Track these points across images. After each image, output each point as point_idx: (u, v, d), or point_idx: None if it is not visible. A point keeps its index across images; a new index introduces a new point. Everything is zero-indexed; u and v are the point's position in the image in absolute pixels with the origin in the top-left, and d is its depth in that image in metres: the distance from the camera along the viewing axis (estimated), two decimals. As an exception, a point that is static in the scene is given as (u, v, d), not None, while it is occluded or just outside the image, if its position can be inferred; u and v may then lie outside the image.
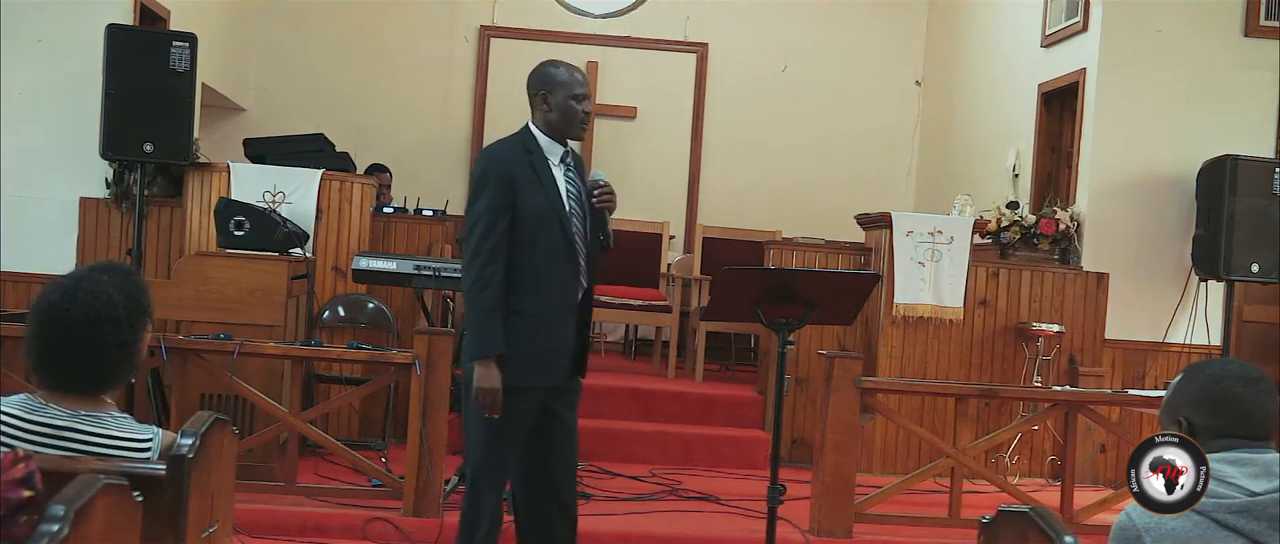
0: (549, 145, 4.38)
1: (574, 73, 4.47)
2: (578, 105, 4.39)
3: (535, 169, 4.31)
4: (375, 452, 6.94)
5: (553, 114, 4.40)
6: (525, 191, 4.25)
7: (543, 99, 4.44)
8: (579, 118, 4.40)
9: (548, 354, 4.27)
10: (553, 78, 4.46)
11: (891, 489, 6.16)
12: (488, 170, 4.30)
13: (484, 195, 4.25)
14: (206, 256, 6.74)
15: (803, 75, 11.29)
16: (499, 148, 4.41)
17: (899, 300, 7.55)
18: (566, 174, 4.37)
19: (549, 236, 4.26)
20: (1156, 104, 7.90)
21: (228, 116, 10.53)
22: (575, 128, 4.40)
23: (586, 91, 4.43)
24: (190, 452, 2.66)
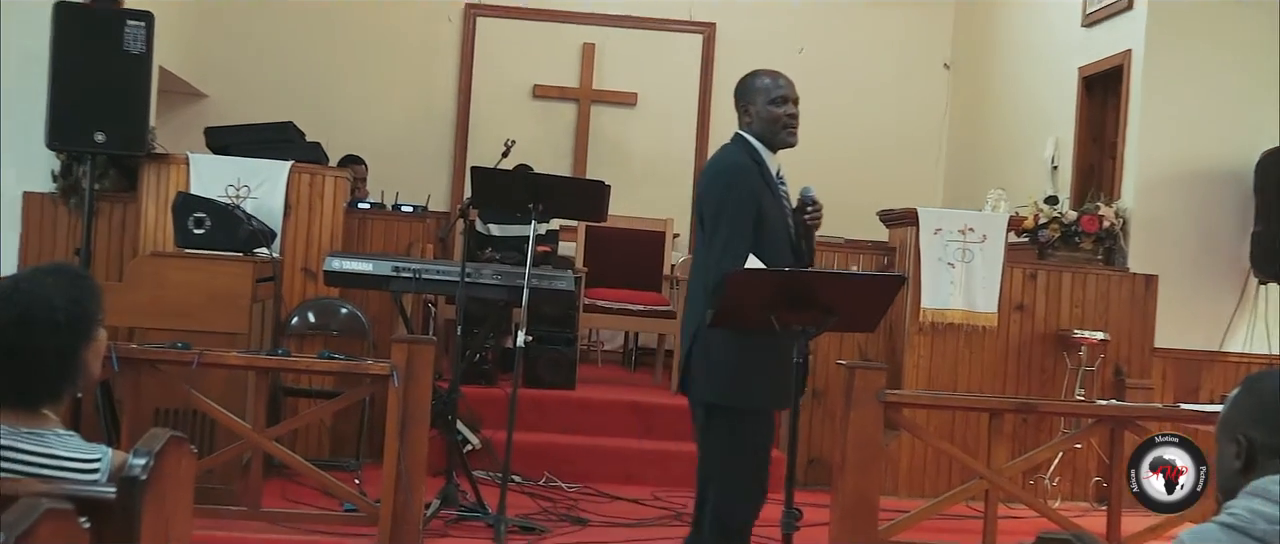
0: (768, 156, 4.53)
1: (776, 78, 4.59)
2: (779, 109, 4.50)
3: (766, 180, 4.48)
4: (348, 473, 6.93)
5: (755, 123, 4.54)
6: (766, 207, 4.43)
7: (745, 110, 4.58)
8: (783, 122, 4.51)
9: (783, 375, 4.37)
10: (752, 86, 4.58)
11: (919, 514, 6.14)
12: (734, 183, 4.44)
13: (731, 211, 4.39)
14: (163, 257, 6.72)
15: (820, 58, 11.28)
16: (734, 157, 4.54)
17: (926, 305, 7.54)
18: (779, 187, 4.53)
19: (780, 251, 4.46)
20: (1209, 88, 7.89)
21: (187, 103, 10.52)
22: (780, 134, 4.53)
23: (788, 93, 4.54)
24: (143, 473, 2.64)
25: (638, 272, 9.34)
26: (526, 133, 10.02)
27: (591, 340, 10.46)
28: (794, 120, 4.54)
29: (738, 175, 4.48)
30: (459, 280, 6.22)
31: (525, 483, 7.20)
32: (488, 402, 7.64)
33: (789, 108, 4.51)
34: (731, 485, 4.51)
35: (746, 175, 4.47)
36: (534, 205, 6.01)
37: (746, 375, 4.42)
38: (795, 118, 4.54)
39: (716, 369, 4.48)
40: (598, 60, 11.24)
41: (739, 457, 4.46)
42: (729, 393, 4.46)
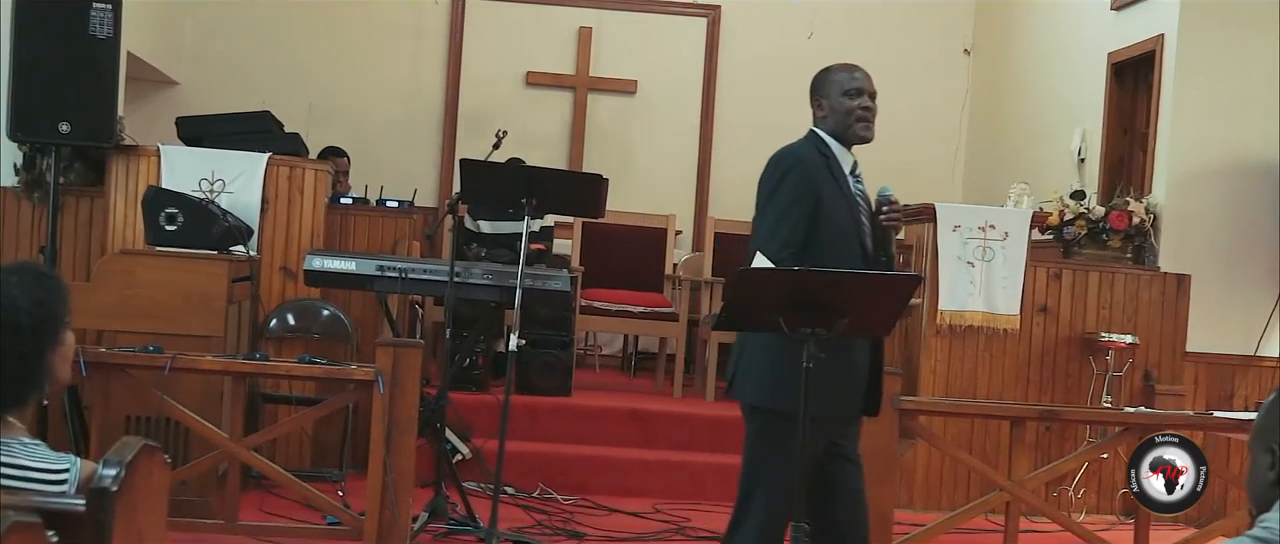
0: (841, 152, 4.58)
1: (852, 70, 4.66)
2: (852, 102, 4.56)
3: (834, 177, 4.51)
4: (331, 484, 6.95)
5: (829, 117, 4.60)
6: (828, 204, 4.46)
7: (818, 104, 4.64)
8: (856, 115, 4.57)
9: (844, 379, 4.44)
10: (825, 79, 4.67)
11: (936, 528, 6.16)
12: (790, 171, 4.49)
13: (782, 199, 4.45)
14: (133, 255, 6.74)
15: (831, 43, 11.24)
16: (797, 149, 4.60)
17: (944, 307, 7.56)
18: (855, 186, 4.56)
19: (847, 249, 4.47)
20: (1246, 75, 7.90)
21: (157, 91, 10.54)
22: (854, 126, 4.58)
23: (863, 86, 4.60)
24: (114, 484, 2.65)
25: (637, 271, 9.35)
26: (519, 123, 10.05)
27: (588, 344, 10.47)
28: (868, 113, 4.60)
29: (793, 163, 4.53)
30: (448, 280, 6.22)
31: (518, 495, 7.22)
32: (478, 409, 7.66)
33: (863, 100, 4.58)
34: (778, 496, 4.48)
35: (804, 165, 4.52)
36: (527, 200, 6.02)
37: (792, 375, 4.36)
38: (870, 111, 4.60)
39: (766, 370, 4.51)
40: (595, 45, 11.25)
41: (781, 462, 4.43)
42: (776, 395, 4.47)
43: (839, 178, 4.53)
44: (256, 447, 6.04)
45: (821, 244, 4.41)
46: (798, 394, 4.33)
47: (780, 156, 4.58)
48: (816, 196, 4.44)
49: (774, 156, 4.61)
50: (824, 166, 4.52)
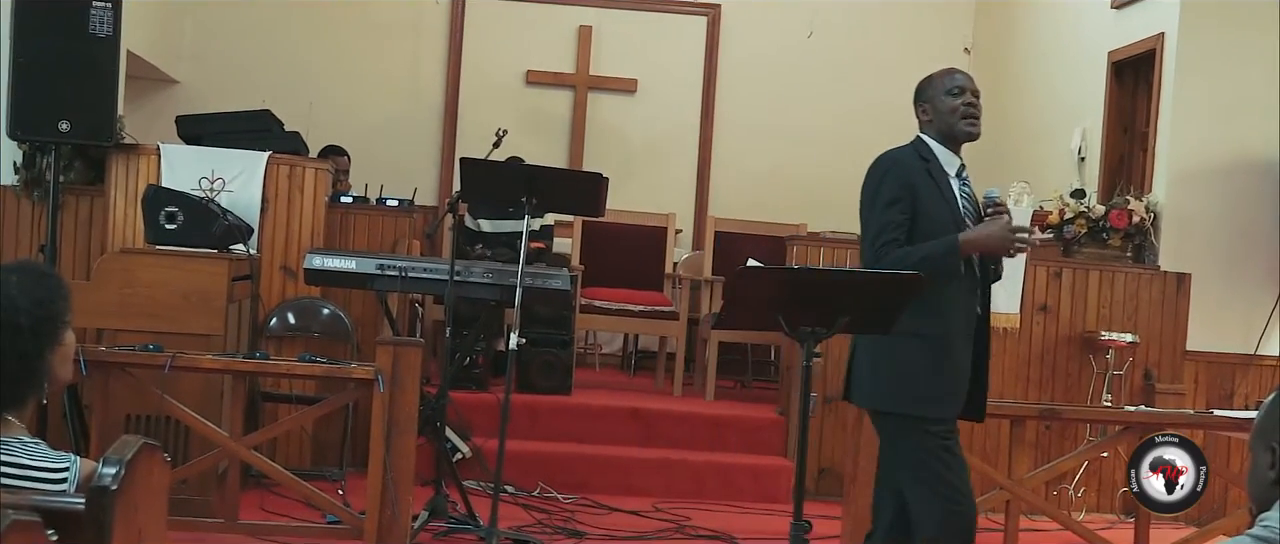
0: (945, 155, 4.58)
1: (952, 73, 4.67)
2: (955, 99, 4.55)
3: (934, 178, 4.51)
4: (331, 483, 6.95)
5: (934, 120, 4.59)
6: (926, 203, 4.46)
7: (922, 109, 4.65)
8: (960, 111, 4.55)
9: (951, 383, 4.43)
10: (927, 84, 4.68)
11: (936, 527, 6.15)
12: (887, 176, 4.52)
13: (880, 202, 4.49)
14: (133, 254, 6.74)
15: (831, 42, 11.29)
16: (896, 153, 4.63)
17: (945, 305, 7.55)
18: (961, 188, 4.56)
19: None
20: (1247, 74, 7.90)
21: (157, 90, 10.54)
22: (960, 123, 4.57)
23: (965, 84, 4.58)
24: (114, 483, 2.65)
25: (638, 270, 9.35)
26: (519, 122, 10.05)
27: (588, 343, 10.48)
28: (973, 109, 4.59)
29: (889, 166, 4.57)
30: (448, 279, 6.22)
31: (518, 494, 7.22)
32: (478, 408, 7.66)
33: (966, 97, 4.57)
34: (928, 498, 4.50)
35: (900, 168, 4.54)
36: (527, 199, 6.02)
37: (920, 377, 4.45)
38: (974, 107, 4.59)
39: (878, 372, 4.54)
40: (595, 44, 11.25)
41: (924, 466, 4.46)
42: (891, 397, 4.51)
43: (939, 180, 4.53)
44: (256, 445, 6.05)
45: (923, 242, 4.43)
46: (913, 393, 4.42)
47: (878, 161, 4.63)
48: (914, 198, 4.46)
49: (873, 161, 4.65)
50: (923, 169, 4.53)
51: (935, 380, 4.45)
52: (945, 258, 4.37)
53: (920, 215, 4.45)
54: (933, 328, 4.42)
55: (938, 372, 4.44)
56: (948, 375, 4.46)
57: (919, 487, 4.51)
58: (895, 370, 4.49)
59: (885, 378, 4.52)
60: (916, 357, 4.43)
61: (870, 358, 4.56)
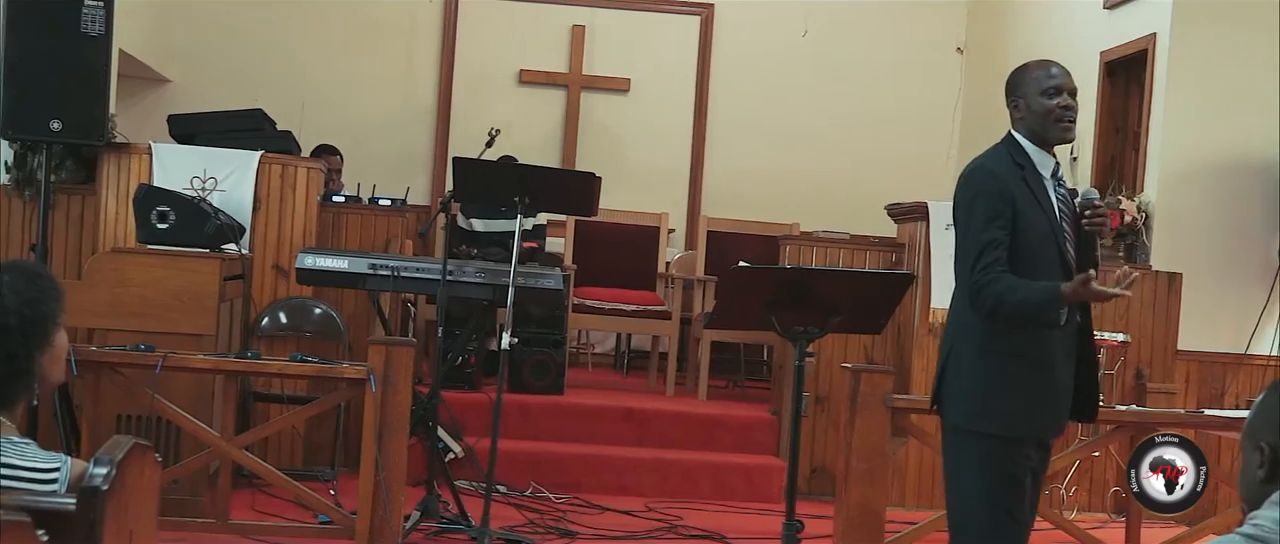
0: (1039, 156, 4.37)
1: (1048, 67, 4.43)
2: (1051, 101, 4.34)
3: (1030, 185, 4.32)
4: (322, 483, 6.94)
5: (1027, 118, 4.39)
6: (1025, 212, 4.27)
7: (1015, 105, 4.44)
8: (1055, 115, 4.33)
9: (1048, 400, 4.29)
10: (1021, 78, 4.44)
11: (927, 526, 6.16)
12: (982, 189, 4.31)
13: (977, 221, 4.27)
14: (124, 254, 6.72)
15: (825, 41, 11.29)
16: (988, 162, 4.41)
17: (937, 305, 7.55)
18: (1057, 189, 4.38)
19: (1047, 263, 4.28)
20: (1239, 74, 7.91)
21: (149, 89, 10.52)
22: (1054, 127, 4.35)
23: (1061, 83, 4.36)
24: (105, 483, 2.65)
25: (630, 270, 9.35)
26: (512, 121, 10.05)
27: (581, 342, 10.48)
28: (1069, 112, 4.36)
29: (986, 179, 4.35)
30: (440, 279, 6.23)
31: (511, 493, 7.21)
32: (471, 407, 7.65)
33: (1063, 98, 4.34)
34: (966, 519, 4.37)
35: (998, 181, 4.32)
36: (520, 199, 6.02)
37: (996, 395, 4.27)
38: (1071, 110, 4.36)
39: (964, 386, 4.34)
40: (588, 43, 11.24)
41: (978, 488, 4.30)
42: (973, 414, 4.32)
43: (1036, 186, 4.32)
44: (248, 445, 6.04)
45: (1019, 254, 4.23)
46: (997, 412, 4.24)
47: (970, 172, 4.40)
48: (1012, 210, 4.25)
49: (964, 172, 4.44)
50: (1018, 177, 4.32)
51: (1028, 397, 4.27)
52: (1045, 309, 4.16)
53: (1018, 232, 4.24)
54: (1032, 344, 4.25)
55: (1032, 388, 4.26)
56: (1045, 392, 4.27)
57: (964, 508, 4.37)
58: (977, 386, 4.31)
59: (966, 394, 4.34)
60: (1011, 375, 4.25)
61: (957, 372, 4.37)
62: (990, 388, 4.26)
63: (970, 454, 4.32)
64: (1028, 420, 4.26)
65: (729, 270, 4.84)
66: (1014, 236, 4.24)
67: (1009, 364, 4.25)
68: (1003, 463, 4.26)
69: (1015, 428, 4.25)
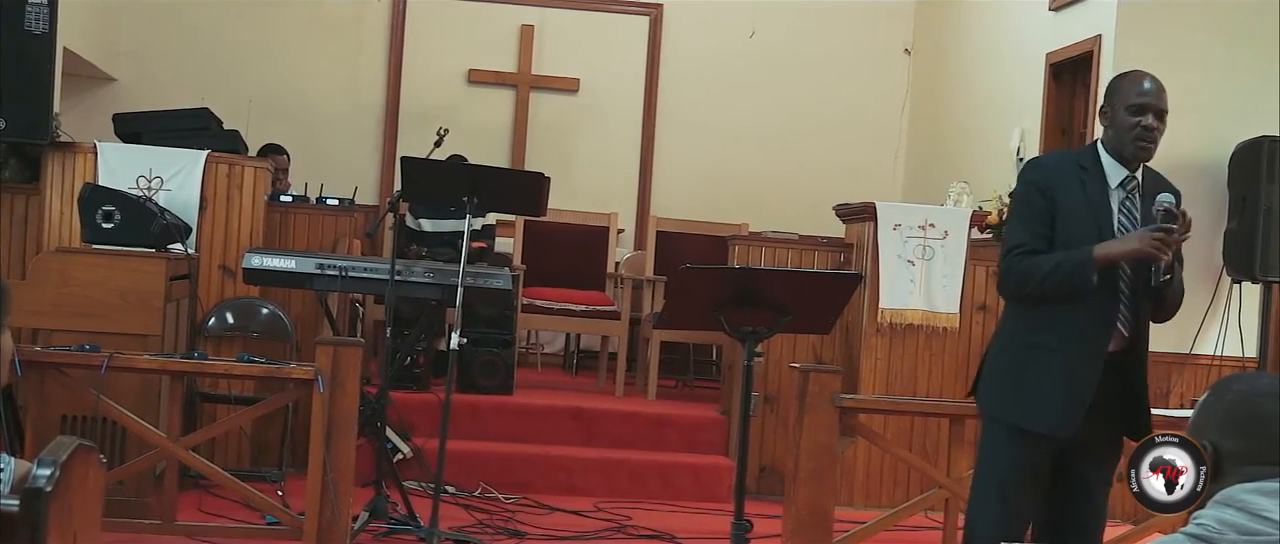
0: (1112, 166, 4.35)
1: (1141, 82, 4.37)
2: (1133, 119, 4.29)
3: (1086, 187, 4.31)
4: (270, 483, 6.91)
5: (1111, 129, 4.37)
6: (1068, 211, 4.28)
7: (1104, 113, 4.41)
8: (1135, 134, 4.29)
9: (1059, 398, 4.27)
10: (1115, 88, 4.41)
11: (876, 525, 6.19)
12: (1025, 181, 4.40)
13: (1016, 206, 4.40)
14: (69, 253, 6.67)
15: (773, 42, 11.33)
16: (1047, 157, 4.62)
17: (885, 305, 7.59)
18: (1125, 202, 4.33)
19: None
20: (1183, 77, 7.92)
21: (94, 87, 10.44)
22: (1129, 146, 4.31)
23: (1149, 102, 4.30)
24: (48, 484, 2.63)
25: (579, 270, 9.35)
26: (461, 120, 10.01)
27: (530, 342, 10.47)
28: (1149, 134, 4.29)
29: (1033, 171, 4.43)
30: (388, 279, 6.21)
31: (459, 494, 7.20)
32: (419, 408, 7.63)
33: (1146, 119, 4.28)
34: (977, 500, 4.50)
35: (1046, 172, 4.39)
36: (469, 198, 6.01)
37: (1013, 385, 4.36)
38: (1151, 131, 4.29)
39: (994, 376, 4.46)
40: (537, 43, 11.24)
41: (989, 471, 4.42)
42: (996, 402, 4.44)
43: (1092, 188, 4.30)
44: (195, 446, 6.01)
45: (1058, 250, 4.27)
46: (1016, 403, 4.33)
47: (1025, 166, 4.52)
48: (1052, 202, 4.28)
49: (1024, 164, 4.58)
50: (1075, 177, 4.32)
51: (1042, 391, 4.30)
52: (1077, 270, 4.16)
53: (1059, 224, 4.27)
54: (1054, 340, 4.27)
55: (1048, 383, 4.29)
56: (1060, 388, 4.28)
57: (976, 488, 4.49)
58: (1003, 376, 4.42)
59: (994, 383, 4.45)
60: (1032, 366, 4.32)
61: (991, 362, 4.49)
62: (1009, 377, 4.38)
63: (985, 437, 4.49)
64: (1035, 414, 4.30)
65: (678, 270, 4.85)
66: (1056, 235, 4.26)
67: (1028, 356, 4.33)
68: (1007, 450, 4.37)
69: (1021, 419, 4.33)
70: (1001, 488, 4.38)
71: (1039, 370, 4.30)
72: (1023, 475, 4.35)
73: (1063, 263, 4.20)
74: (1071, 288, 4.19)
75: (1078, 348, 4.25)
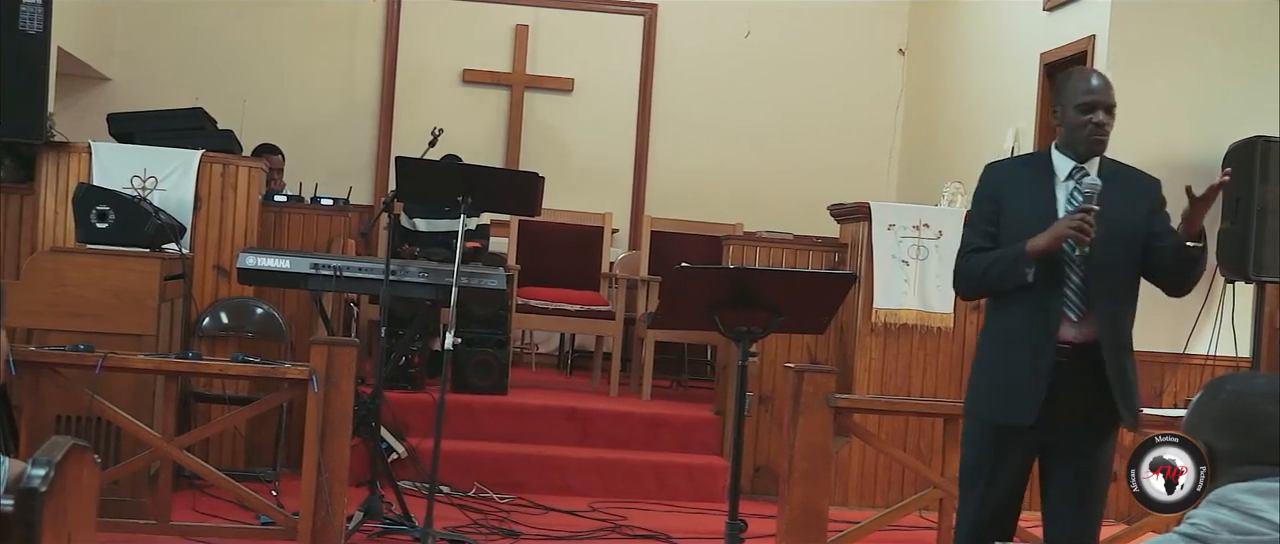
0: (1062, 162, 4.45)
1: (1088, 79, 4.48)
2: (1083, 116, 4.38)
3: (1031, 184, 4.44)
4: (264, 483, 6.90)
5: (1062, 127, 4.46)
6: (1012, 210, 4.42)
7: (1055, 114, 4.52)
8: (1087, 131, 4.38)
9: (1006, 385, 4.37)
10: (1062, 86, 4.50)
11: (870, 525, 6.20)
12: (977, 186, 4.60)
13: (969, 215, 4.60)
14: (63, 253, 6.67)
15: (768, 42, 11.32)
16: (999, 162, 4.70)
17: (879, 305, 7.60)
18: (1073, 192, 4.40)
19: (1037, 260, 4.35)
20: (1177, 77, 7.99)
21: (89, 87, 10.43)
22: (1083, 144, 4.40)
23: (1097, 99, 4.39)
24: (43, 484, 2.64)
25: (574, 269, 9.35)
26: (455, 120, 10.01)
27: (525, 342, 10.46)
28: (1100, 130, 4.37)
29: (983, 174, 4.61)
30: (383, 278, 6.21)
31: (454, 494, 7.20)
32: (414, 408, 7.64)
33: (1096, 115, 4.36)
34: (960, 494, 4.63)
35: (990, 174, 4.59)
36: (463, 198, 6.01)
37: (976, 380, 4.53)
38: (1102, 127, 4.37)
39: (972, 373, 4.62)
40: (532, 43, 11.23)
41: (967, 466, 4.54)
42: (969, 397, 4.59)
43: (1038, 184, 4.42)
44: (189, 446, 6.01)
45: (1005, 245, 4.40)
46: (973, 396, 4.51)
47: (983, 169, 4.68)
48: (997, 205, 4.45)
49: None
50: (1020, 174, 4.53)
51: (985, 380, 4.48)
52: (1011, 265, 4.29)
53: (1004, 224, 4.41)
54: (998, 330, 4.45)
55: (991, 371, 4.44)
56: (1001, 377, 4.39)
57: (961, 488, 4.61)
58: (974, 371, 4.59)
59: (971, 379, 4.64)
60: (984, 359, 4.50)
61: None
62: (977, 373, 4.53)
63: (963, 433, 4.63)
64: (996, 407, 4.41)
65: (672, 270, 4.85)
66: (1004, 233, 4.39)
67: (990, 351, 4.46)
68: (979, 444, 4.47)
69: (985, 412, 4.46)
70: (979, 482, 4.47)
71: (998, 364, 4.41)
72: (999, 469, 4.43)
73: (1000, 258, 4.35)
74: (1009, 282, 4.33)
75: (1029, 340, 4.33)
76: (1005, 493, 4.47)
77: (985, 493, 4.46)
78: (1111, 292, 4.40)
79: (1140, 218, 4.45)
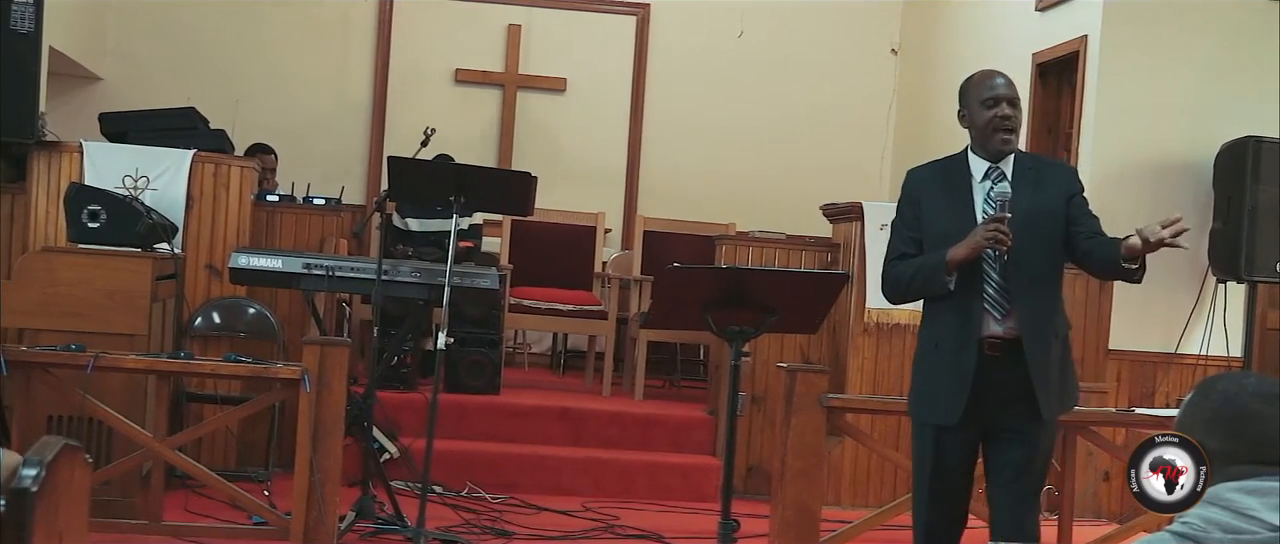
0: (977, 163, 4.53)
1: (990, 77, 4.59)
2: (988, 111, 4.47)
3: (949, 187, 4.51)
4: (257, 483, 6.90)
5: (971, 128, 4.54)
6: (931, 213, 4.50)
7: (962, 116, 4.59)
8: (993, 125, 4.46)
9: (936, 388, 4.47)
10: (965, 89, 4.61)
11: (862, 524, 6.20)
12: (900, 191, 4.64)
13: (894, 221, 4.64)
14: (55, 253, 6.66)
15: (761, 42, 11.33)
16: (919, 167, 4.70)
17: (872, 305, 7.60)
18: (987, 198, 4.48)
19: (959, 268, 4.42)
20: (1169, 78, 8.00)
21: (80, 87, 10.42)
22: (991, 139, 4.48)
23: (1001, 93, 4.49)
24: (34, 484, 2.63)
25: (566, 269, 9.35)
26: (448, 120, 9.99)
27: (517, 342, 10.46)
28: (1006, 123, 4.46)
29: (904, 180, 4.66)
30: (375, 278, 6.21)
31: (446, 494, 7.19)
32: (406, 407, 7.63)
33: (1001, 109, 4.46)
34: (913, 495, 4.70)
35: (910, 179, 4.64)
36: (456, 198, 6.01)
37: (913, 381, 4.63)
38: (1009, 120, 4.47)
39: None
40: (524, 43, 11.23)
41: (915, 467, 4.63)
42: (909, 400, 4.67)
43: (956, 187, 4.50)
44: (181, 446, 6.01)
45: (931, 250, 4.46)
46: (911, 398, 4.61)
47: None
48: (917, 209, 4.53)
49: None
50: (938, 180, 4.57)
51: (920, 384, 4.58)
52: (933, 273, 4.39)
53: (926, 229, 4.50)
54: (928, 334, 4.56)
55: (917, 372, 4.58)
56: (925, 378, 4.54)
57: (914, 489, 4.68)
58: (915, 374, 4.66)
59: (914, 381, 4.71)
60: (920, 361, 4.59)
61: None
62: (914, 376, 4.62)
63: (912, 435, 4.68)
64: (928, 408, 4.53)
65: (665, 270, 4.85)
66: (927, 238, 4.47)
67: (923, 354, 4.57)
68: (921, 444, 4.57)
69: (918, 414, 4.58)
70: (926, 481, 4.55)
71: (929, 366, 4.52)
72: (940, 468, 4.52)
73: (922, 266, 4.44)
74: (932, 289, 4.45)
75: (953, 342, 4.43)
76: (952, 487, 4.56)
77: (942, 496, 4.56)
78: (1032, 286, 4.49)
79: (1056, 207, 4.53)
